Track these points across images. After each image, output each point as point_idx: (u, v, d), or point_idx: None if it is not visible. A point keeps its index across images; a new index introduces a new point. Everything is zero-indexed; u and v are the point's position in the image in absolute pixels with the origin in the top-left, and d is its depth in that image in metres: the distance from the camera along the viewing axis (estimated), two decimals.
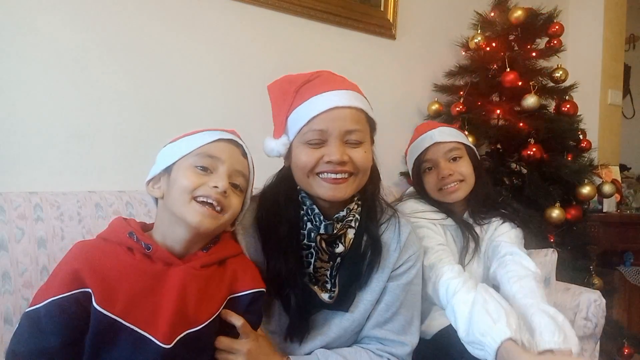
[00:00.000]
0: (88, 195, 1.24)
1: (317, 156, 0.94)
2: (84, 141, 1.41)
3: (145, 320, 0.80)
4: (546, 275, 1.50)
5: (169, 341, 0.79)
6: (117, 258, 0.83)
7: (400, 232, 1.08)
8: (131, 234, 0.86)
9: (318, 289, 1.00)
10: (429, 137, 1.34)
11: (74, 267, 0.79)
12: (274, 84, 1.04)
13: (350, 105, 0.95)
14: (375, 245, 1.04)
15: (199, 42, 1.62)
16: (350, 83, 1.02)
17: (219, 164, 0.88)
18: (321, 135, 0.94)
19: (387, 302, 1.05)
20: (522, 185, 1.93)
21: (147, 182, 0.93)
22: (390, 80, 2.12)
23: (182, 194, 0.85)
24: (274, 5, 1.75)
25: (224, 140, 0.91)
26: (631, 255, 2.62)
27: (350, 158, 0.95)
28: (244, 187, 0.93)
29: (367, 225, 1.04)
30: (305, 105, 0.95)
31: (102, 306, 0.78)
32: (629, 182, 2.93)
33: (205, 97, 1.63)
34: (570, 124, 1.98)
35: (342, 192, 0.96)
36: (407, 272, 1.07)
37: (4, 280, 1.06)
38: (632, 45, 3.86)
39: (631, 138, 3.49)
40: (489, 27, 2.08)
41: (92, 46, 1.42)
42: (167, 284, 0.83)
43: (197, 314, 0.84)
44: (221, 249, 0.93)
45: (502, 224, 1.36)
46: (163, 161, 0.92)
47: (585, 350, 1.47)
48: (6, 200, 1.12)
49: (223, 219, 0.88)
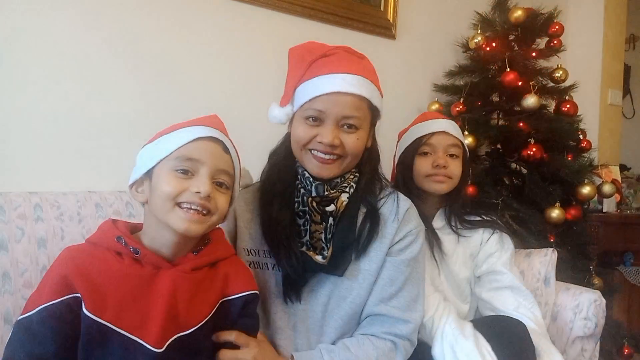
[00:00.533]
0: (88, 195, 1.24)
1: (311, 134, 1.00)
2: (84, 141, 1.41)
3: (136, 325, 0.79)
4: (546, 275, 1.51)
5: (160, 345, 0.79)
6: (106, 263, 0.82)
7: (399, 205, 1.09)
8: (119, 238, 0.84)
9: (313, 253, 1.02)
10: (439, 124, 1.35)
11: (63, 273, 0.79)
12: (295, 48, 1.08)
13: (352, 92, 0.98)
14: (372, 214, 1.06)
15: (200, 42, 1.62)
16: (364, 66, 1.05)
17: (200, 165, 0.85)
18: (319, 114, 0.99)
19: (391, 277, 1.05)
20: (522, 185, 1.93)
21: (129, 185, 0.90)
22: (390, 80, 2.11)
23: (164, 201, 0.83)
24: (274, 5, 1.75)
25: (203, 139, 0.87)
26: (631, 255, 2.62)
27: (342, 142, 0.99)
28: (230, 183, 0.91)
29: (364, 196, 1.07)
30: (313, 82, 0.99)
31: (92, 312, 0.77)
32: (629, 182, 2.92)
33: (205, 96, 1.63)
34: (570, 124, 1.98)
35: (328, 172, 1.02)
36: (410, 247, 1.08)
37: (4, 280, 1.06)
38: (632, 45, 3.86)
39: (631, 138, 3.49)
40: (489, 27, 2.08)
41: (93, 46, 1.42)
42: (157, 287, 0.82)
43: (188, 317, 0.83)
44: (212, 251, 0.92)
45: (490, 238, 1.37)
46: (143, 164, 0.88)
47: (586, 350, 1.47)
48: (6, 200, 1.12)
49: (211, 220, 0.86)
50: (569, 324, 1.46)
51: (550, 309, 1.47)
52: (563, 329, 1.47)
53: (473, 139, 1.88)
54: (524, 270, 1.53)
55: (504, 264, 1.34)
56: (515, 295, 1.30)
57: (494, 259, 1.35)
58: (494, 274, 1.34)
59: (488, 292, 1.34)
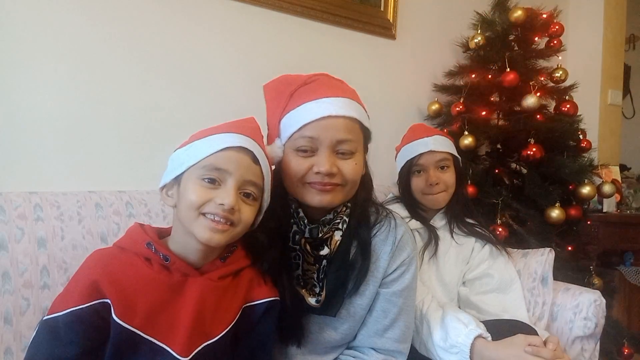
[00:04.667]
0: (88, 195, 1.24)
1: (306, 166, 0.93)
2: (84, 141, 1.41)
3: (164, 332, 0.79)
4: (543, 274, 1.51)
5: (187, 353, 0.79)
6: (135, 269, 0.82)
7: (396, 232, 1.05)
8: (149, 244, 0.84)
9: (306, 292, 0.98)
10: (424, 144, 1.42)
11: (93, 278, 0.78)
12: (270, 83, 1.03)
13: (344, 115, 0.93)
14: (364, 250, 1.01)
15: (200, 42, 1.62)
16: (347, 89, 1.00)
17: (227, 176, 0.83)
18: (311, 142, 0.93)
19: (384, 309, 1.03)
20: (522, 185, 1.93)
21: (160, 188, 0.90)
22: (390, 80, 2.12)
23: (189, 210, 0.82)
24: (274, 5, 1.75)
25: (232, 149, 0.84)
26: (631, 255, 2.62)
27: (340, 170, 0.93)
28: (257, 194, 0.88)
29: (357, 230, 1.02)
30: (299, 111, 0.93)
31: (121, 318, 0.77)
32: (629, 182, 2.92)
33: (206, 96, 1.63)
34: (570, 124, 1.98)
35: (330, 199, 0.95)
36: (402, 277, 1.04)
37: (4, 280, 1.06)
38: (632, 45, 3.86)
39: (631, 138, 3.49)
40: (489, 27, 2.08)
41: (93, 46, 1.42)
42: (185, 295, 0.82)
43: (213, 325, 0.83)
44: (238, 259, 0.91)
45: (483, 249, 1.45)
46: (173, 169, 0.87)
47: (585, 350, 1.47)
48: (6, 200, 1.12)
49: (234, 231, 0.85)
50: (569, 324, 1.46)
51: (548, 308, 1.47)
52: (563, 329, 1.47)
53: (473, 139, 1.88)
54: (520, 270, 1.53)
55: (496, 269, 1.41)
56: (500, 297, 1.37)
57: (485, 266, 1.43)
58: (485, 277, 1.41)
59: (476, 296, 1.39)
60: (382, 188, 1.81)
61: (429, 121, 2.13)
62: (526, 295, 1.49)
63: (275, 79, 1.02)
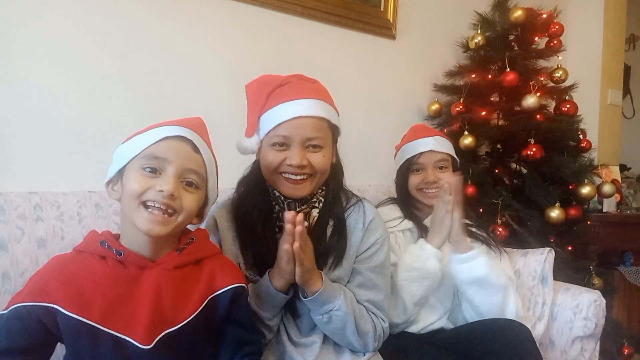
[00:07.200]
0: (88, 195, 1.25)
1: (280, 158, 1.07)
2: (84, 141, 1.41)
3: (125, 324, 0.81)
4: (542, 273, 1.51)
5: (149, 342, 0.80)
6: (91, 268, 0.85)
7: (365, 214, 1.17)
8: (103, 242, 0.87)
9: None
10: (425, 143, 1.45)
11: (44, 281, 0.83)
12: (251, 83, 1.14)
13: (313, 115, 1.06)
14: (340, 227, 1.14)
15: (199, 41, 1.62)
16: (319, 89, 1.12)
17: (167, 164, 0.86)
18: (285, 140, 1.07)
19: (359, 282, 1.13)
20: (522, 185, 1.93)
21: (105, 183, 0.92)
22: (390, 80, 2.12)
23: (131, 199, 0.85)
24: (274, 5, 1.75)
25: (171, 138, 0.87)
26: (631, 255, 2.62)
27: (309, 162, 1.07)
28: (200, 183, 0.90)
29: (332, 208, 1.15)
30: (274, 111, 1.07)
31: (78, 314, 0.80)
32: (629, 182, 2.92)
33: (205, 96, 1.63)
34: (570, 124, 1.98)
35: (301, 191, 1.10)
36: (375, 254, 1.15)
37: (4, 280, 1.06)
38: (632, 45, 3.86)
39: (631, 138, 3.48)
40: (489, 27, 2.08)
41: (93, 45, 1.42)
42: (142, 286, 0.83)
43: (174, 313, 0.84)
44: (196, 250, 0.92)
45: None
46: (117, 163, 0.90)
47: (585, 350, 1.47)
48: (6, 200, 1.12)
49: (176, 221, 0.86)
50: (569, 323, 1.46)
51: (548, 308, 1.48)
52: (563, 329, 1.47)
53: (473, 139, 1.89)
54: (520, 269, 1.54)
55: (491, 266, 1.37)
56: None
57: None
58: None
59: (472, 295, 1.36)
60: (382, 188, 1.81)
61: (429, 121, 2.13)
62: (526, 295, 1.50)
63: (256, 79, 1.14)
